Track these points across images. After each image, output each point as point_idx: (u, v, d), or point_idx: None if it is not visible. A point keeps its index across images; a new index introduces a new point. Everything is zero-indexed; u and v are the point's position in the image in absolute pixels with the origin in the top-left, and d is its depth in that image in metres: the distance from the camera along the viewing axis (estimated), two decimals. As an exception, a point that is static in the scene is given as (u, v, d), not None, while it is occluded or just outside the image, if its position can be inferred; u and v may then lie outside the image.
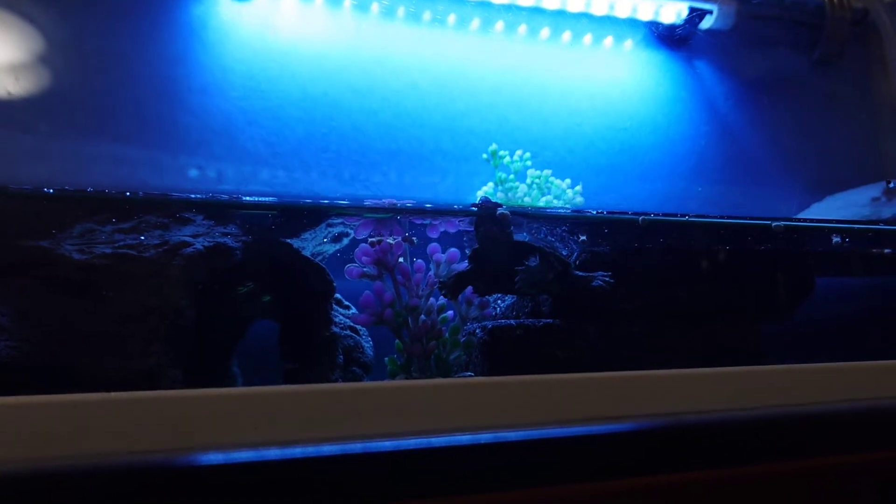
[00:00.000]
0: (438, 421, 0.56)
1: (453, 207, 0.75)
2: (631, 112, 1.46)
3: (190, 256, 0.66)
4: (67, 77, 1.08)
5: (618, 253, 0.86)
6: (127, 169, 1.08)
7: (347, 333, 0.86)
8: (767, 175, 1.57)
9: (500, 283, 0.73)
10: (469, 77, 1.33)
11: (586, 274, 0.74)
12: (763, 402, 0.68)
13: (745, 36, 1.52)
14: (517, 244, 0.71)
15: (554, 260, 0.72)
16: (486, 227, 0.69)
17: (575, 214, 0.83)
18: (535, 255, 0.69)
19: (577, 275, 0.74)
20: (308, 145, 1.20)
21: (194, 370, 0.69)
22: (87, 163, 1.06)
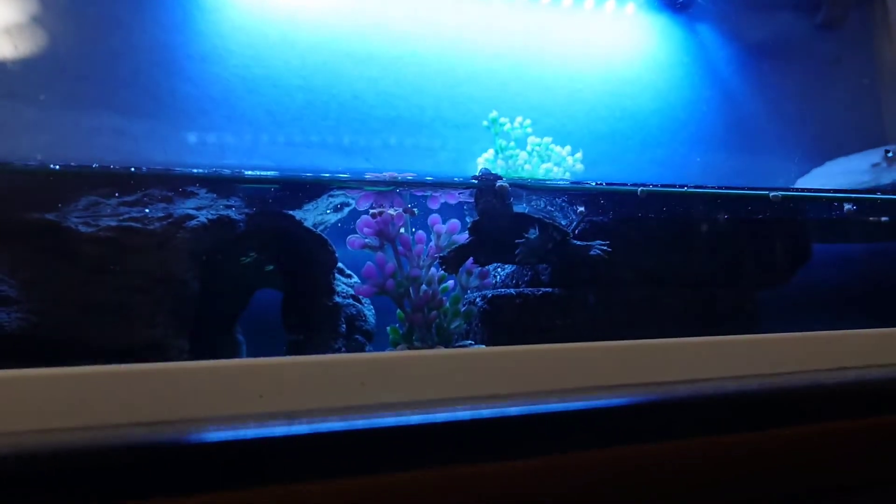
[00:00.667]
0: (440, 391, 0.58)
1: (453, 180, 0.76)
2: (632, 77, 1.45)
3: (194, 229, 0.67)
4: (65, 44, 1.08)
5: (616, 221, 0.86)
6: (127, 139, 1.09)
7: (350, 302, 0.87)
8: (768, 140, 1.56)
9: (499, 254, 0.74)
10: (469, 43, 1.32)
11: (584, 243, 0.75)
12: (758, 370, 0.69)
13: (748, 0, 1.51)
14: (517, 216, 0.72)
15: (553, 230, 0.73)
16: (487, 199, 0.70)
17: (574, 186, 0.83)
18: (534, 227, 0.70)
19: (574, 244, 0.74)
20: (308, 114, 1.20)
21: (199, 339, 0.70)
22: (87, 134, 1.06)
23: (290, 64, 1.20)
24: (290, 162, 1.17)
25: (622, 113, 1.43)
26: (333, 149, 1.21)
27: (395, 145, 1.25)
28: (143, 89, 1.11)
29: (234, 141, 1.15)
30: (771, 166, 1.55)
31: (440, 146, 1.28)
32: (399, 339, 0.75)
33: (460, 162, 1.27)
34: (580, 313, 0.84)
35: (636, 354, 0.66)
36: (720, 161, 1.50)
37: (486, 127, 1.18)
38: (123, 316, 0.65)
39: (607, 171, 1.39)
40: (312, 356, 0.56)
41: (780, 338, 0.74)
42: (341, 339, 0.77)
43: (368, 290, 0.74)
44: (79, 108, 1.07)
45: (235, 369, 0.55)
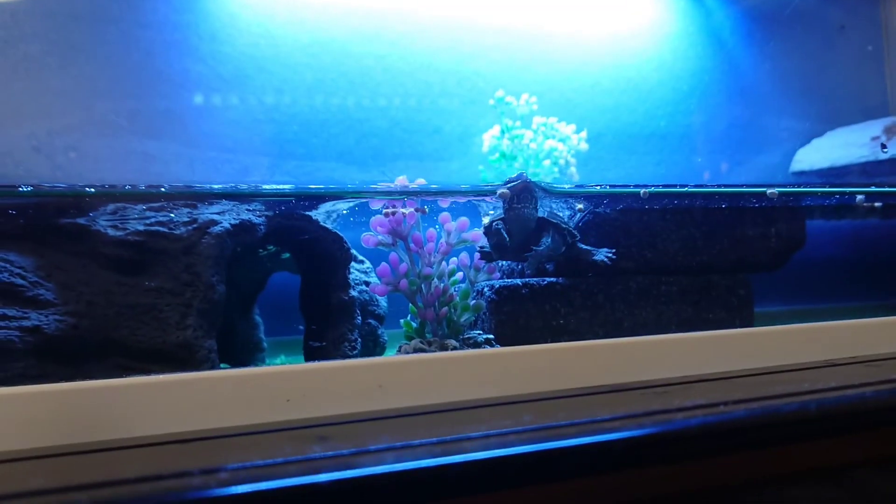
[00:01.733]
0: (455, 393, 0.63)
1: (460, 188, 0.79)
2: (637, 49, 1.46)
3: (218, 235, 0.70)
4: (75, 26, 1.09)
5: (618, 212, 0.90)
6: (141, 119, 1.11)
7: (362, 289, 0.91)
8: (772, 109, 1.58)
9: (519, 255, 0.79)
10: (475, 18, 1.33)
11: (589, 248, 0.80)
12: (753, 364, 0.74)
13: (756, -32, 1.50)
14: (539, 220, 0.76)
15: (566, 234, 0.77)
16: (520, 207, 0.74)
17: (579, 190, 0.86)
18: (549, 233, 0.74)
19: (581, 248, 0.79)
20: (317, 91, 1.22)
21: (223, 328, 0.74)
22: (100, 119, 1.09)
23: (298, 42, 1.21)
24: (298, 138, 1.19)
25: (626, 84, 1.44)
26: (341, 126, 1.23)
27: (402, 120, 1.27)
28: (156, 71, 1.12)
29: (246, 118, 1.17)
30: (775, 134, 1.56)
31: (446, 121, 1.30)
32: (412, 333, 0.80)
33: (466, 139, 1.29)
34: (584, 302, 0.88)
35: (639, 351, 0.71)
36: (722, 132, 1.52)
37: (492, 106, 1.20)
38: (155, 317, 0.69)
39: (610, 144, 1.42)
40: (333, 362, 0.61)
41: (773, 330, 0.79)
42: (357, 330, 0.82)
43: (383, 289, 0.78)
44: (91, 92, 1.09)
45: (263, 376, 0.60)
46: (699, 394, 0.58)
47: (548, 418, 0.49)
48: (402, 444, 0.43)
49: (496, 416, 0.52)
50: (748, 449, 0.47)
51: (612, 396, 0.58)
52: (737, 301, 0.96)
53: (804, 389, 0.56)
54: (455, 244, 0.80)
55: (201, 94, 1.15)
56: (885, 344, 0.78)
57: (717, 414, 0.47)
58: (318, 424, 0.53)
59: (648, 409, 0.50)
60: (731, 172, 1.51)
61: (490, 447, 0.42)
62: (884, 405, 0.53)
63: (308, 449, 0.43)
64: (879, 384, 0.58)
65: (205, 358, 0.69)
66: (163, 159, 1.11)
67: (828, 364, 0.72)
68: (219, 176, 1.12)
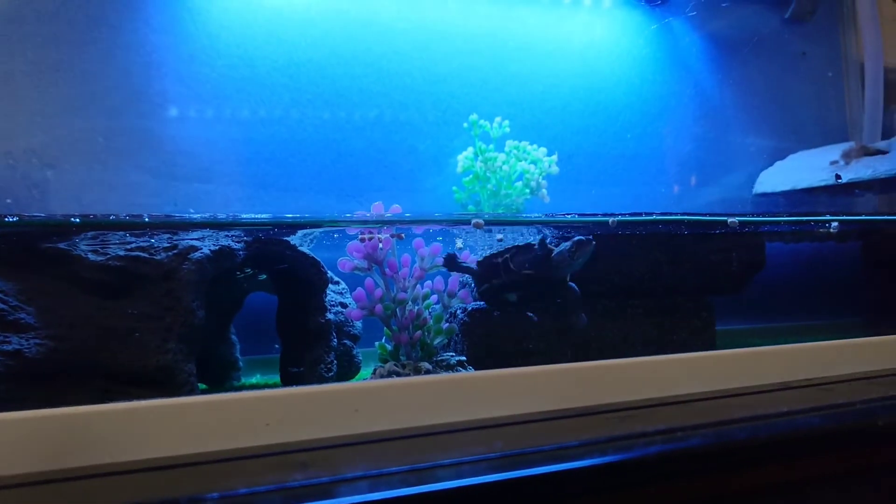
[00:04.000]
0: (431, 417, 0.65)
1: (434, 215, 0.81)
2: (606, 72, 1.50)
3: (198, 261, 0.72)
4: (55, 46, 1.10)
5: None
6: (119, 139, 1.12)
7: (338, 310, 0.94)
8: (736, 132, 1.63)
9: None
10: (451, 40, 1.36)
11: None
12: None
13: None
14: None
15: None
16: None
17: (548, 219, 0.89)
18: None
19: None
20: (294, 112, 1.24)
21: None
22: (78, 138, 1.10)
23: (276, 63, 1.23)
24: (273, 159, 1.21)
25: (596, 107, 1.48)
26: (318, 145, 1.25)
27: (378, 140, 1.29)
28: (135, 91, 1.14)
29: (223, 139, 1.19)
30: (739, 158, 1.62)
31: (420, 141, 1.33)
32: (387, 356, 0.82)
33: (440, 159, 1.32)
34: (553, 324, 0.91)
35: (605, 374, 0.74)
36: (687, 153, 1.57)
37: (466, 128, 1.23)
38: (135, 341, 0.70)
39: (581, 165, 1.45)
40: (310, 387, 0.63)
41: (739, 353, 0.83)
42: (332, 352, 0.84)
43: (358, 313, 0.80)
44: (69, 113, 1.10)
45: (243, 401, 0.62)
46: (660, 418, 0.61)
47: (516, 445, 0.52)
48: (378, 472, 0.46)
49: (468, 442, 0.55)
50: (704, 474, 0.50)
51: (578, 421, 0.60)
52: (700, 323, 1.00)
53: (758, 415, 0.59)
54: (429, 269, 0.82)
55: (179, 114, 1.16)
56: (837, 367, 0.82)
57: (675, 441, 0.50)
58: (298, 450, 0.55)
59: (611, 434, 0.53)
60: (697, 193, 1.56)
61: (462, 475, 0.44)
62: (831, 431, 0.57)
63: (290, 476, 0.45)
64: (829, 409, 0.62)
65: (184, 381, 0.70)
66: (141, 181, 1.12)
67: (783, 387, 0.76)
68: (201, 207, 1.13)
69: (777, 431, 0.54)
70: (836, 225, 1.07)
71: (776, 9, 1.66)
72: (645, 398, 0.72)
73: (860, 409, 0.61)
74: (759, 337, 1.33)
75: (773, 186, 1.49)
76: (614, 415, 0.63)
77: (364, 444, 0.57)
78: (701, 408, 0.67)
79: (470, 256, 0.84)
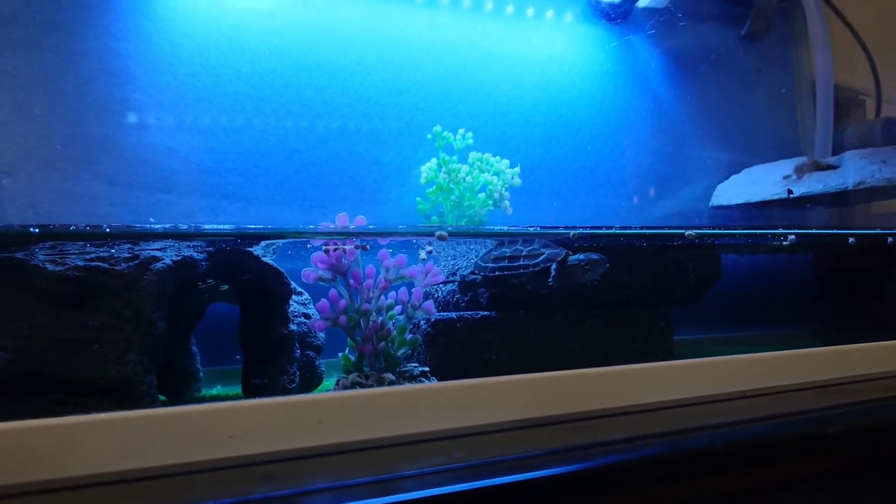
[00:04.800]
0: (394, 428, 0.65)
1: (398, 227, 0.82)
2: (568, 86, 1.52)
3: (160, 271, 0.71)
4: (11, 52, 1.08)
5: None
6: (78, 147, 1.10)
7: (301, 321, 0.93)
8: (694, 145, 1.67)
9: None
10: (415, 52, 1.37)
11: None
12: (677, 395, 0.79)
13: (680, 13, 1.59)
14: None
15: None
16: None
17: (513, 231, 0.91)
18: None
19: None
20: (257, 121, 1.23)
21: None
22: (35, 143, 1.08)
23: (239, 72, 1.23)
24: (234, 168, 1.20)
25: (558, 120, 1.51)
26: (280, 156, 1.24)
27: (342, 151, 1.30)
28: (95, 98, 1.12)
29: (185, 148, 1.18)
30: (697, 171, 1.65)
31: (384, 153, 1.33)
32: (350, 367, 0.82)
33: (404, 169, 1.33)
34: (516, 334, 0.92)
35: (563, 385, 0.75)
36: (647, 166, 1.60)
37: (430, 140, 1.24)
38: (95, 353, 0.69)
39: (542, 176, 1.47)
40: (273, 398, 0.63)
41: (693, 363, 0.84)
42: (295, 363, 0.84)
43: (322, 324, 0.80)
44: (27, 120, 1.08)
45: (205, 413, 0.61)
46: (619, 427, 0.62)
47: (479, 455, 0.53)
48: (341, 484, 0.46)
49: (431, 453, 0.55)
50: (661, 482, 0.51)
51: (539, 431, 0.61)
52: (658, 333, 1.02)
53: (714, 423, 0.61)
54: (393, 280, 0.83)
55: (140, 122, 1.15)
56: (790, 376, 0.84)
57: (633, 450, 0.51)
58: (261, 462, 0.54)
59: (572, 444, 0.54)
60: (655, 205, 1.59)
61: (426, 485, 0.45)
62: (784, 439, 0.59)
63: (253, 489, 0.45)
64: (782, 417, 0.64)
65: (145, 393, 0.70)
66: (101, 190, 1.11)
67: (739, 396, 0.78)
68: (162, 217, 1.12)
69: (732, 440, 0.55)
70: (792, 238, 1.10)
71: (732, 27, 1.71)
72: (605, 408, 0.74)
73: (812, 417, 0.63)
74: (715, 346, 1.36)
75: (729, 199, 1.53)
76: (575, 424, 0.65)
77: (327, 456, 0.57)
78: (659, 417, 0.68)
79: (434, 268, 0.85)
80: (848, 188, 1.32)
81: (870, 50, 1.75)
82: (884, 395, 0.73)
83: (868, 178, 1.32)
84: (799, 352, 0.86)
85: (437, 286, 1.03)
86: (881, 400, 0.70)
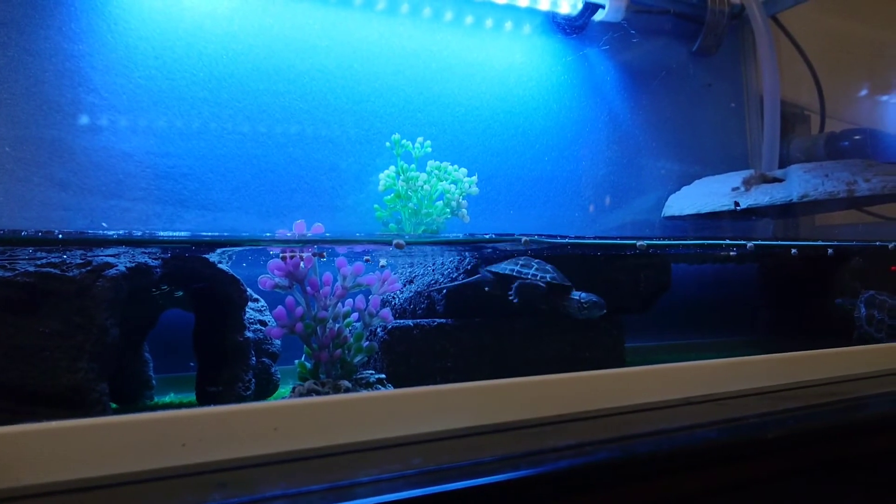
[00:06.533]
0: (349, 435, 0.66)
1: (356, 235, 0.83)
2: (525, 97, 1.55)
3: (113, 278, 0.71)
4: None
5: (501, 257, 0.97)
6: (28, 149, 1.08)
7: (257, 328, 0.93)
8: (647, 157, 1.71)
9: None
10: (374, 60, 1.38)
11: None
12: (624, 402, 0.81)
13: (634, 28, 1.63)
14: None
15: None
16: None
17: (468, 238, 0.92)
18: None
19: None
20: (213, 125, 1.22)
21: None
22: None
23: (196, 76, 1.22)
24: (191, 172, 1.19)
25: (515, 130, 1.53)
26: (237, 161, 1.24)
27: (300, 157, 1.29)
28: (45, 100, 1.10)
29: (140, 152, 1.16)
30: (650, 181, 1.69)
31: (342, 159, 1.34)
32: (306, 374, 0.82)
33: (362, 176, 1.33)
34: (472, 342, 0.94)
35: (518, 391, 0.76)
36: (602, 176, 1.63)
37: (388, 148, 1.25)
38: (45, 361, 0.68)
39: (500, 186, 1.49)
40: (228, 406, 0.63)
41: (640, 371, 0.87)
42: (250, 370, 0.83)
43: (278, 332, 0.80)
44: None
45: (158, 421, 0.61)
46: (571, 433, 0.64)
47: (434, 461, 0.53)
48: (297, 491, 0.46)
49: (386, 459, 0.56)
50: (610, 486, 0.53)
51: (493, 437, 0.63)
52: (610, 340, 1.04)
53: (661, 429, 0.63)
54: (350, 288, 0.83)
55: (93, 124, 1.13)
56: (734, 383, 0.87)
57: (584, 455, 0.53)
58: (215, 470, 0.54)
59: (525, 450, 0.56)
60: (610, 215, 1.63)
61: (381, 492, 0.45)
62: (726, 443, 0.61)
63: (207, 497, 0.45)
64: (724, 423, 0.66)
65: (96, 401, 0.69)
66: (52, 194, 1.09)
67: (685, 402, 0.80)
68: (116, 222, 1.10)
69: (677, 445, 0.57)
70: (751, 246, 1.14)
71: (684, 43, 1.76)
72: (557, 414, 0.75)
73: (752, 422, 0.65)
74: (665, 353, 1.39)
75: (681, 210, 1.57)
76: (528, 430, 0.66)
77: (283, 463, 0.57)
78: (609, 423, 0.70)
79: (391, 276, 0.85)
80: (793, 201, 1.36)
81: (815, 68, 1.82)
82: (821, 400, 0.76)
83: (811, 191, 1.37)
84: (741, 359, 0.89)
85: (394, 293, 1.03)
86: (818, 406, 0.73)
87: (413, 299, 1.04)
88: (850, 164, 1.39)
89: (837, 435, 0.72)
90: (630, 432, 0.61)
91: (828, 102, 1.85)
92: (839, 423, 0.72)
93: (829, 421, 0.71)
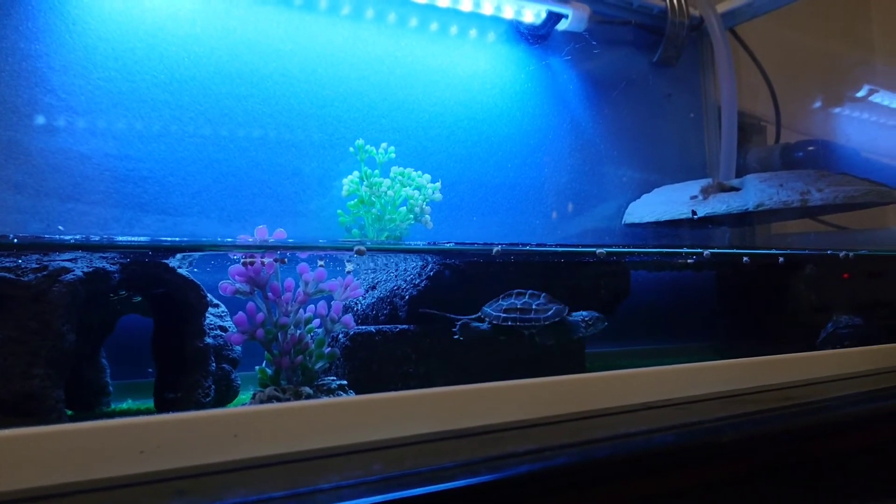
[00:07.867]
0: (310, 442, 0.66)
1: (318, 242, 0.82)
2: (489, 104, 1.56)
3: (70, 283, 0.70)
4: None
5: (466, 264, 0.97)
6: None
7: (217, 333, 0.92)
8: (608, 165, 1.73)
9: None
10: (338, 65, 1.38)
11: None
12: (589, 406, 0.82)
13: (596, 38, 1.66)
14: None
15: None
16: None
17: (433, 247, 0.92)
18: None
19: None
20: (174, 128, 1.21)
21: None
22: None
23: (157, 78, 1.20)
24: (151, 176, 1.18)
25: (479, 137, 1.54)
26: (199, 165, 1.22)
27: (263, 161, 1.29)
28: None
29: (98, 154, 1.14)
30: (610, 189, 1.72)
31: (306, 164, 1.33)
32: (267, 380, 0.82)
33: (325, 181, 1.33)
34: (434, 348, 0.94)
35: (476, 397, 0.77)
36: (564, 184, 1.65)
37: (352, 153, 1.25)
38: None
39: (464, 192, 1.50)
40: (187, 413, 0.62)
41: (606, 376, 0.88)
42: (210, 376, 0.83)
43: (239, 338, 0.80)
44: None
45: (115, 428, 0.60)
46: (530, 439, 0.64)
47: (395, 467, 0.54)
48: (257, 498, 0.46)
49: (348, 466, 0.56)
50: (569, 491, 0.54)
51: (454, 443, 0.63)
52: (572, 346, 1.06)
53: (619, 434, 0.64)
54: (312, 294, 0.83)
55: (50, 126, 1.11)
56: (692, 388, 0.89)
57: (543, 460, 0.54)
58: (175, 477, 0.54)
59: (485, 455, 0.56)
60: (572, 222, 1.64)
61: (342, 498, 0.46)
62: (683, 447, 0.62)
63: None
64: (682, 427, 0.68)
65: (52, 408, 0.67)
66: (6, 197, 1.06)
67: (644, 407, 0.81)
68: (73, 226, 1.08)
69: (635, 449, 0.58)
70: (709, 253, 1.16)
71: (645, 53, 1.79)
72: (518, 419, 0.76)
73: (708, 427, 0.67)
74: (625, 359, 1.41)
75: (641, 217, 1.60)
76: (488, 436, 0.66)
77: (243, 470, 0.57)
78: (568, 428, 0.71)
79: (354, 282, 0.85)
80: (749, 209, 1.40)
81: (771, 80, 1.87)
82: (776, 405, 0.78)
83: (767, 200, 1.40)
84: (699, 365, 0.90)
85: (356, 299, 1.03)
86: (773, 410, 0.75)
87: (376, 305, 1.04)
88: (804, 174, 1.43)
89: (793, 438, 0.74)
90: (589, 437, 0.62)
91: (783, 114, 1.90)
92: (795, 427, 0.74)
93: (785, 425, 0.73)
